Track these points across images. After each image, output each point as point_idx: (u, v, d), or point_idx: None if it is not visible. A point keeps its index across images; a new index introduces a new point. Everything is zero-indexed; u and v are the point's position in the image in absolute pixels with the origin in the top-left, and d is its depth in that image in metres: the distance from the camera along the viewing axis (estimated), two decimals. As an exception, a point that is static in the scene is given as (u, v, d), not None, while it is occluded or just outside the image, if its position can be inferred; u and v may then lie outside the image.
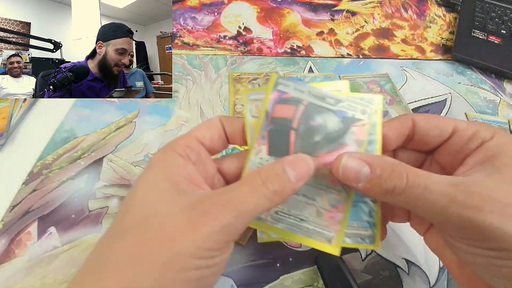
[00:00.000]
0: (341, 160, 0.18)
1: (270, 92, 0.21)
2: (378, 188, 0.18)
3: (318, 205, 0.20)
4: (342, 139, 0.20)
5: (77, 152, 0.36)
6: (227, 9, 0.57)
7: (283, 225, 0.20)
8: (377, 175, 0.18)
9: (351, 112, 0.21)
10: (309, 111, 0.21)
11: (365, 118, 0.21)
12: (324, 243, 0.20)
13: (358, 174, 0.18)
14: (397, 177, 0.17)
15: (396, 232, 0.32)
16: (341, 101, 0.21)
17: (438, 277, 0.29)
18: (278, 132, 0.21)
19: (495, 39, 0.53)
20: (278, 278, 0.29)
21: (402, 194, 0.17)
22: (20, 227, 0.30)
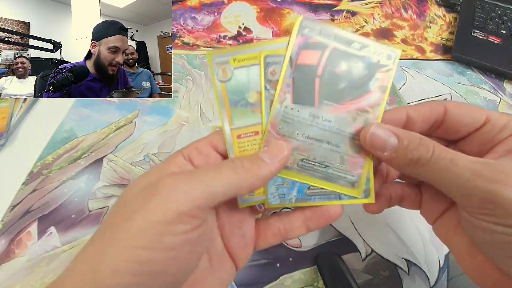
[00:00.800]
0: (370, 127, 0.19)
1: (294, 37, 0.20)
2: (403, 158, 0.18)
3: (342, 151, 0.21)
4: (366, 86, 0.20)
5: (77, 152, 0.36)
6: (227, 9, 0.57)
7: (308, 172, 0.21)
8: (404, 145, 0.18)
9: (376, 58, 0.20)
10: (334, 57, 0.20)
11: (390, 64, 0.20)
12: (347, 187, 0.21)
13: (385, 143, 0.19)
14: (424, 148, 0.18)
15: (396, 232, 0.32)
16: (367, 46, 0.20)
17: (438, 277, 0.29)
18: (303, 79, 0.20)
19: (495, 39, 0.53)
20: (278, 278, 0.29)
21: (427, 165, 0.17)
22: (20, 227, 0.30)
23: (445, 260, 0.30)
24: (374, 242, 0.31)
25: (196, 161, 0.20)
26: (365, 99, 0.20)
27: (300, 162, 0.21)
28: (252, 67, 0.20)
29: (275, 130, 0.21)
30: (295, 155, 0.21)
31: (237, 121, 0.21)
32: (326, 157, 0.21)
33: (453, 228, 0.21)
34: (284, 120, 0.21)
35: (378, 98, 0.20)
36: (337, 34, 0.20)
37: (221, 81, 0.20)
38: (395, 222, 0.32)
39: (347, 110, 0.20)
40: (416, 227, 0.32)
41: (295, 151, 0.21)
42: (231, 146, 0.21)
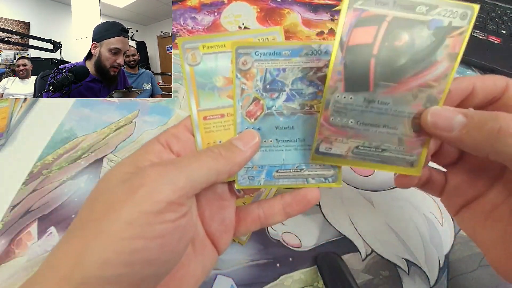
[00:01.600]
0: (431, 109, 0.18)
1: (344, 13, 0.18)
2: (478, 132, 0.16)
3: (400, 133, 0.19)
4: (433, 56, 0.18)
5: (77, 152, 0.36)
6: (227, 9, 0.57)
7: (364, 157, 0.20)
8: (476, 120, 0.16)
9: (447, 19, 0.17)
10: (393, 29, 0.18)
11: (464, 24, 0.17)
12: (406, 167, 0.20)
13: (451, 122, 0.17)
14: (502, 119, 0.16)
15: (396, 232, 0.32)
16: (435, 7, 0.17)
17: (438, 277, 0.29)
18: (356, 63, 0.18)
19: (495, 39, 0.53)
20: (278, 278, 0.29)
21: (511, 136, 0.15)
22: (20, 227, 0.30)
23: (445, 260, 0.30)
24: (374, 242, 0.31)
25: (176, 147, 0.20)
26: (431, 72, 0.18)
27: (355, 150, 0.20)
28: (220, 54, 0.21)
29: (327, 122, 0.20)
30: (349, 143, 0.20)
31: (204, 103, 0.21)
32: (382, 141, 0.20)
33: (482, 220, 0.20)
34: (336, 110, 0.19)
35: (445, 68, 0.18)
36: (397, 0, 0.17)
37: (190, 65, 0.21)
38: (395, 222, 0.32)
39: (408, 88, 0.18)
40: (416, 227, 0.32)
41: (350, 139, 0.20)
42: (197, 126, 0.21)
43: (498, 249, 0.19)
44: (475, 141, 0.17)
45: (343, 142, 0.20)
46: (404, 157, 0.20)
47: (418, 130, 0.19)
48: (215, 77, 0.21)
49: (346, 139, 0.20)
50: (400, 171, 0.20)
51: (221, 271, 0.29)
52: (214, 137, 0.22)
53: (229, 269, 0.29)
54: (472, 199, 0.21)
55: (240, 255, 0.30)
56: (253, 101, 0.21)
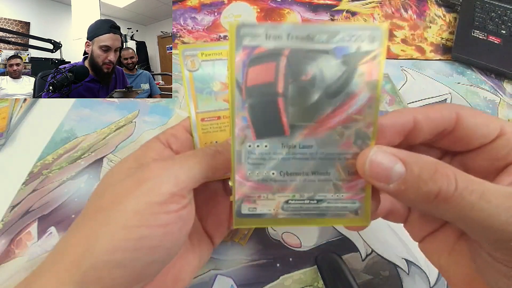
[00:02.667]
0: (369, 154, 0.15)
1: (234, 53, 0.15)
2: (415, 191, 0.14)
3: (333, 178, 0.17)
4: (348, 88, 0.16)
5: (77, 152, 0.36)
6: (227, 9, 0.57)
7: (299, 213, 0.17)
8: (415, 174, 0.14)
9: (354, 45, 0.15)
10: (295, 63, 0.15)
11: (375, 47, 0.15)
12: (350, 218, 0.18)
13: (389, 172, 0.15)
14: (443, 179, 0.14)
15: (396, 232, 0.32)
16: (337, 33, 0.15)
17: (438, 277, 0.29)
18: (262, 105, 0.16)
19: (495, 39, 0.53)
20: (278, 278, 0.29)
21: (449, 201, 0.14)
22: (20, 227, 0.30)
23: (445, 260, 0.30)
24: (374, 242, 0.31)
25: (175, 146, 0.22)
26: (351, 105, 0.16)
27: (285, 205, 0.17)
28: (217, 61, 0.23)
29: (243, 177, 0.17)
30: (276, 198, 0.17)
31: (202, 106, 0.23)
32: (315, 190, 0.17)
33: (447, 251, 0.19)
34: (252, 163, 0.17)
35: (368, 99, 0.16)
36: (291, 30, 0.15)
37: (190, 71, 0.22)
38: (395, 222, 0.32)
39: (330, 126, 0.16)
40: (416, 227, 0.32)
41: (276, 193, 0.17)
42: (195, 127, 0.23)
43: (465, 286, 0.18)
44: (412, 200, 0.15)
45: (269, 198, 0.17)
46: (345, 205, 0.17)
47: (354, 172, 0.17)
48: (212, 82, 0.23)
49: (271, 195, 0.17)
50: (345, 223, 0.18)
51: (221, 271, 0.29)
52: (211, 138, 0.23)
53: (229, 269, 0.29)
54: (434, 230, 0.20)
55: (240, 255, 0.30)
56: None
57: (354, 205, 0.17)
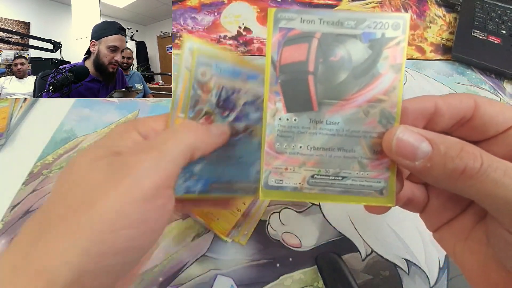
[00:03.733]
0: (396, 131, 0.16)
1: (271, 34, 0.17)
2: (441, 168, 0.15)
3: (358, 155, 0.17)
4: (374, 69, 0.17)
5: (77, 152, 0.36)
6: (227, 9, 0.57)
7: (324, 188, 0.18)
8: (441, 152, 0.15)
9: (379, 31, 0.17)
10: (325, 45, 0.17)
11: (399, 34, 0.17)
12: (375, 197, 0.18)
13: (416, 150, 0.15)
14: (469, 156, 0.14)
15: (396, 232, 0.32)
16: (364, 20, 0.17)
17: (438, 277, 0.29)
18: (293, 81, 0.17)
19: (495, 39, 0.53)
20: (278, 278, 0.29)
21: (475, 178, 0.14)
22: (20, 227, 0.30)
23: (445, 260, 0.30)
24: (374, 242, 0.31)
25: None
26: (376, 85, 0.17)
27: (311, 180, 0.18)
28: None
29: (272, 149, 0.18)
30: (302, 172, 0.18)
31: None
32: (341, 167, 0.18)
33: (462, 240, 0.19)
34: (281, 135, 0.18)
35: (392, 80, 0.17)
36: (323, 16, 0.17)
37: (187, 68, 0.19)
38: (395, 222, 0.32)
39: (356, 104, 0.17)
40: (416, 227, 0.32)
41: (302, 167, 0.18)
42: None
43: (480, 276, 0.18)
44: (438, 177, 0.16)
45: (295, 171, 0.18)
46: (370, 184, 0.18)
47: (379, 151, 0.17)
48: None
49: (298, 168, 0.18)
50: (370, 202, 0.18)
51: (221, 271, 0.29)
52: None
53: (229, 269, 0.29)
54: (450, 219, 0.20)
55: (240, 255, 0.30)
56: (205, 115, 0.19)
57: (379, 184, 0.18)
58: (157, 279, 0.28)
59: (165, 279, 0.28)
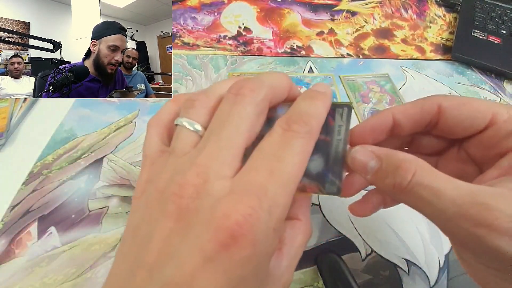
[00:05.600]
0: (354, 148, 0.18)
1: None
2: (382, 182, 0.16)
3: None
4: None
5: (77, 152, 0.36)
6: (227, 9, 0.57)
7: None
8: (382, 168, 0.16)
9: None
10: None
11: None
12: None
13: (366, 166, 0.17)
14: (402, 173, 0.15)
15: (396, 232, 0.32)
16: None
17: (438, 277, 0.29)
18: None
19: (495, 39, 0.53)
20: (278, 278, 0.29)
21: (404, 193, 0.15)
22: (20, 227, 0.30)
23: (445, 260, 0.30)
24: (374, 242, 0.31)
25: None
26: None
27: None
28: None
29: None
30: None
31: None
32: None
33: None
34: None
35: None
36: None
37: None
38: (395, 222, 0.32)
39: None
40: (416, 227, 0.32)
41: None
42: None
43: (474, 267, 0.18)
44: (383, 189, 0.17)
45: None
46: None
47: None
48: None
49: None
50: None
51: (221, 271, 0.29)
52: None
53: (229, 269, 0.29)
54: None
55: (240, 255, 0.30)
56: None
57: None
58: (157, 279, 0.28)
59: (165, 279, 0.28)
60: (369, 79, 0.47)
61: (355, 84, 0.46)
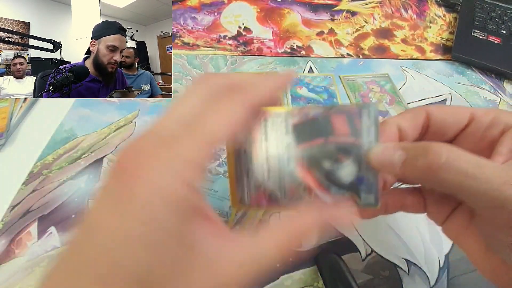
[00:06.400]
0: (373, 149, 0.18)
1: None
2: (412, 167, 0.17)
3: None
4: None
5: (77, 152, 0.36)
6: (227, 9, 0.57)
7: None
8: (410, 156, 0.17)
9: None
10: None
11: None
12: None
13: (392, 160, 0.17)
14: (434, 154, 0.16)
15: (396, 232, 0.32)
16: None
17: (438, 277, 0.29)
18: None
19: (495, 39, 0.53)
20: (278, 278, 0.29)
21: (442, 169, 0.16)
22: (20, 227, 0.30)
23: (445, 260, 0.30)
24: (374, 242, 0.31)
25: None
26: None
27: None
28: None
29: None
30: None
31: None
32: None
33: (464, 228, 0.20)
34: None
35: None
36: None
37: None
38: (395, 222, 0.32)
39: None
40: (416, 227, 0.32)
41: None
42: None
43: (484, 259, 0.19)
44: (414, 177, 0.17)
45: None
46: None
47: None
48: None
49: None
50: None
51: (221, 271, 0.29)
52: None
53: (229, 269, 0.29)
54: (451, 211, 0.21)
55: (240, 255, 0.30)
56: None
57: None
58: (157, 279, 0.28)
59: (165, 279, 0.28)
60: (369, 79, 0.47)
61: (355, 84, 0.46)
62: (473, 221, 0.20)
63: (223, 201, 0.32)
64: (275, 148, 0.19)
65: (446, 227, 0.22)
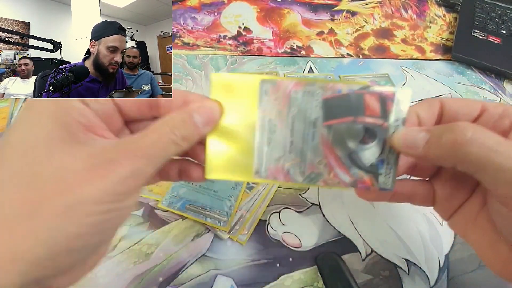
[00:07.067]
0: (398, 131, 0.19)
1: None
2: (438, 146, 0.17)
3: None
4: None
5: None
6: (227, 9, 0.57)
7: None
8: (436, 133, 0.18)
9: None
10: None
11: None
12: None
13: (415, 140, 0.18)
14: (459, 130, 0.17)
15: (396, 232, 0.32)
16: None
17: (438, 277, 0.29)
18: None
19: (495, 39, 0.53)
20: (278, 278, 0.29)
21: (467, 145, 0.16)
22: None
23: (445, 260, 0.30)
24: (374, 242, 0.31)
25: (94, 106, 0.18)
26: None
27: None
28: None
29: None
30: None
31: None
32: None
33: (472, 221, 0.20)
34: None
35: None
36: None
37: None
38: (395, 222, 0.32)
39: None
40: (416, 227, 0.32)
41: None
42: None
43: (491, 251, 0.19)
44: (438, 155, 0.18)
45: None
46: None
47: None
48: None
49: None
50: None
51: (221, 271, 0.29)
52: None
53: (229, 269, 0.29)
54: (459, 205, 0.21)
55: (240, 255, 0.30)
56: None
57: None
58: (157, 279, 0.28)
59: (165, 279, 0.28)
60: (369, 79, 0.47)
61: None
62: (485, 208, 0.20)
63: (223, 201, 0.32)
64: (302, 121, 0.19)
65: (453, 221, 0.22)
